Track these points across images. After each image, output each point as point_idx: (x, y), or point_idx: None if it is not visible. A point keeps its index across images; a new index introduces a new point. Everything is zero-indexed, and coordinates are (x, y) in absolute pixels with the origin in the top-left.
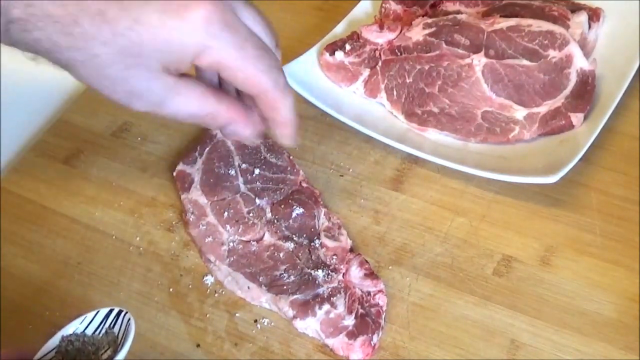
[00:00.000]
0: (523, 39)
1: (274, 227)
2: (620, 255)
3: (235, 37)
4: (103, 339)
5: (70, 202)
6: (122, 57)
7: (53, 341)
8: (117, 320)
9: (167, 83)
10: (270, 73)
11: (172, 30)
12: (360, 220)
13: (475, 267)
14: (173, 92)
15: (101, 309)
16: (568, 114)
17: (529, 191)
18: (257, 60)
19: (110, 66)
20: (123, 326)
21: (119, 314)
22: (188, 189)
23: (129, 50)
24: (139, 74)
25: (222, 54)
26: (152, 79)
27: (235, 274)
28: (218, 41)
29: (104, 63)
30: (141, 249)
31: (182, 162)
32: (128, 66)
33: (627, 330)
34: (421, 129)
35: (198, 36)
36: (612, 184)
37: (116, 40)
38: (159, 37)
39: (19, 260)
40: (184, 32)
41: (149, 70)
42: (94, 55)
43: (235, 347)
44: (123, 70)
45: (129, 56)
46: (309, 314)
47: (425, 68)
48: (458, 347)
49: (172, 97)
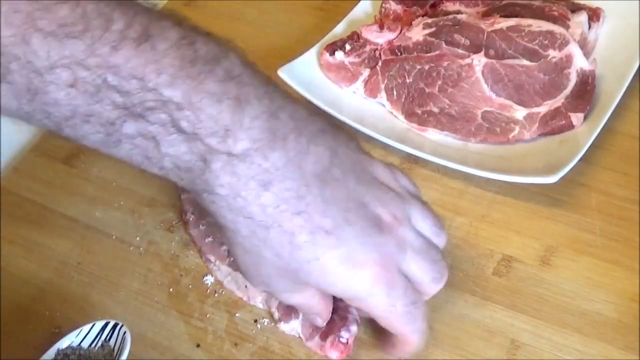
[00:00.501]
0: (523, 39)
1: None
2: (620, 255)
3: (390, 295)
4: (99, 352)
5: (70, 202)
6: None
7: (49, 354)
8: (113, 334)
9: (293, 287)
10: (412, 324)
11: (340, 276)
12: None
13: (475, 267)
14: (293, 291)
15: (97, 321)
16: (568, 114)
17: (529, 191)
18: (403, 314)
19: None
20: (119, 339)
21: (115, 327)
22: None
23: (293, 272)
24: (284, 282)
25: (371, 307)
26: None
27: (234, 274)
28: (375, 298)
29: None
30: (141, 249)
31: None
32: (280, 276)
33: (627, 330)
34: (421, 129)
35: (361, 290)
36: (612, 184)
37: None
38: (323, 277)
39: (19, 260)
40: (351, 283)
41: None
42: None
43: (235, 347)
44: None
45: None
46: (292, 316)
47: (425, 68)
48: (458, 347)
49: (290, 293)
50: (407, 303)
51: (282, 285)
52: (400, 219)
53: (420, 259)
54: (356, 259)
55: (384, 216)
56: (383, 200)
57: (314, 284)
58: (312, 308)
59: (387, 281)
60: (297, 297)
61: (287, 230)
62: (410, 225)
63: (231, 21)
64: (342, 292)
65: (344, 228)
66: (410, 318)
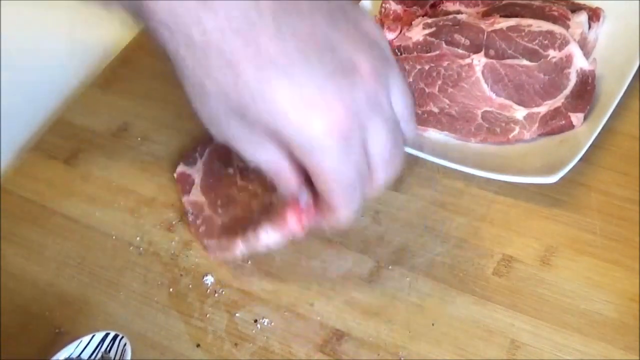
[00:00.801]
0: (523, 39)
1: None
2: (620, 255)
3: (341, 158)
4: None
5: (70, 202)
6: (231, 106)
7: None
8: (113, 345)
9: (254, 138)
10: (348, 202)
11: (291, 117)
12: (360, 220)
13: (475, 267)
14: (254, 143)
15: (97, 332)
16: (568, 114)
17: (529, 191)
18: (344, 188)
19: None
20: (119, 351)
21: (115, 338)
22: (189, 191)
23: (241, 106)
24: (237, 122)
25: (320, 164)
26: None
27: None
28: (324, 153)
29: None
30: (141, 249)
31: (183, 162)
32: (232, 113)
33: (627, 330)
34: (421, 129)
35: (312, 138)
36: (612, 184)
37: (235, 91)
38: (274, 114)
39: (19, 260)
40: (302, 127)
41: (243, 126)
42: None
43: (235, 347)
44: (225, 112)
45: (237, 109)
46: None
47: (425, 68)
48: (458, 347)
49: (251, 146)
50: (356, 177)
51: (238, 132)
52: (380, 75)
53: (386, 133)
54: (311, 100)
55: (360, 64)
56: (363, 50)
57: (264, 125)
58: (280, 171)
59: (345, 137)
60: (261, 153)
61: (230, 60)
62: (387, 91)
63: None
64: (293, 137)
65: (301, 66)
66: (351, 195)
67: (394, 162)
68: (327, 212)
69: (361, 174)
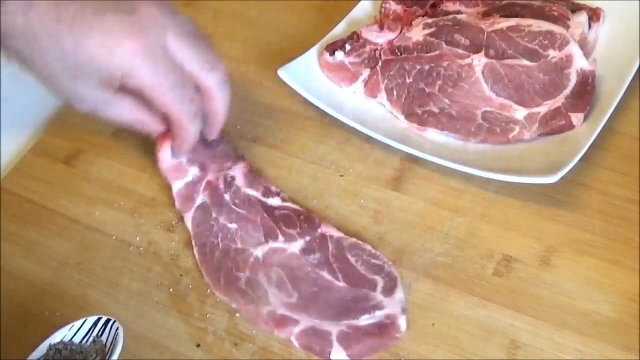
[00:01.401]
0: (523, 39)
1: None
2: (620, 255)
3: (153, 68)
4: (91, 347)
5: (70, 202)
6: (68, 71)
7: (40, 350)
8: (105, 329)
9: (103, 95)
10: (179, 104)
11: (105, 57)
12: (360, 220)
13: (475, 267)
14: (108, 102)
15: (89, 317)
16: (568, 114)
17: (529, 191)
18: (169, 90)
19: (59, 76)
20: (111, 335)
21: (107, 323)
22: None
23: (73, 66)
24: (81, 84)
25: (141, 80)
26: (90, 90)
27: None
28: (138, 70)
29: (55, 72)
30: (141, 249)
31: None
32: (73, 77)
33: (627, 330)
34: (421, 129)
35: (123, 63)
36: (612, 184)
37: (64, 58)
38: (95, 59)
39: (19, 260)
40: (113, 60)
41: (88, 83)
42: (47, 65)
43: (235, 347)
44: (69, 80)
45: (73, 71)
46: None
47: (425, 68)
48: (458, 347)
49: (107, 105)
50: (176, 82)
51: (80, 90)
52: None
53: (184, 41)
54: (113, 39)
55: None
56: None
57: (96, 74)
58: (137, 118)
59: (147, 52)
60: (112, 109)
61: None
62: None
63: (231, 21)
64: (111, 72)
65: (98, 22)
66: (180, 97)
67: (208, 63)
68: (178, 130)
69: (180, 78)
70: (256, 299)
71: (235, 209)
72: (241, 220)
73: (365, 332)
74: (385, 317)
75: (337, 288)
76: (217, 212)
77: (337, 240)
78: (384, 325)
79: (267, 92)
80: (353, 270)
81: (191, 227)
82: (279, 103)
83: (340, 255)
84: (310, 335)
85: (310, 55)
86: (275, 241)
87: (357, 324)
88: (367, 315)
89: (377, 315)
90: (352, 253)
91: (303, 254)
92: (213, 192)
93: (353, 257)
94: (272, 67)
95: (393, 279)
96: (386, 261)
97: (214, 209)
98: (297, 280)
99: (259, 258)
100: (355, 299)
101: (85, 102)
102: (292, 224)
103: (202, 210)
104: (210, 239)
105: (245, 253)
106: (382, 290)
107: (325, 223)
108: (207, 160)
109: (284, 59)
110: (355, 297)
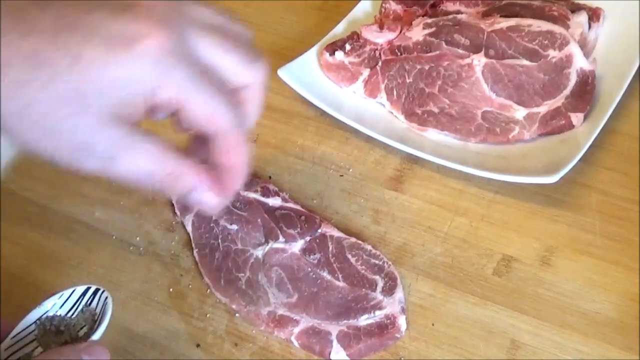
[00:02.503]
0: (523, 39)
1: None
2: (620, 255)
3: (191, 69)
4: (79, 317)
5: (70, 202)
6: (62, 103)
7: (28, 319)
8: (94, 299)
9: (119, 133)
10: (232, 109)
11: (121, 66)
12: (360, 220)
13: (475, 267)
14: (126, 144)
15: (78, 286)
16: (568, 114)
17: (529, 191)
18: (217, 95)
19: (48, 115)
20: (100, 304)
21: (96, 293)
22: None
23: (71, 93)
24: (84, 122)
25: (179, 89)
26: (100, 128)
27: None
28: (173, 75)
29: (41, 112)
30: (141, 249)
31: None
32: (73, 113)
33: (627, 330)
34: (421, 129)
35: (151, 70)
36: (612, 184)
37: (55, 83)
38: (106, 75)
39: (19, 260)
40: (135, 67)
41: (97, 118)
42: (27, 104)
43: (235, 347)
44: (65, 120)
45: (70, 101)
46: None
47: (425, 68)
48: (458, 347)
49: (125, 150)
50: (215, 79)
51: (84, 134)
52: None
53: (215, 34)
54: (124, 41)
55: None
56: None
57: (109, 100)
58: (163, 168)
59: (178, 52)
60: (129, 158)
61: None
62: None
63: None
64: (134, 89)
65: (92, 17)
66: (226, 99)
67: (247, 56)
68: (230, 154)
69: (218, 78)
70: (256, 299)
71: (236, 211)
72: (241, 222)
73: (365, 332)
74: (385, 317)
75: (337, 288)
76: (217, 215)
77: (337, 240)
78: (384, 325)
79: (267, 92)
80: (353, 270)
81: (191, 230)
82: (279, 103)
83: (341, 255)
84: (310, 335)
85: (310, 55)
86: (275, 241)
87: (357, 324)
88: (367, 315)
89: (377, 315)
90: (352, 253)
91: (303, 254)
92: None
93: (353, 257)
94: (272, 67)
95: (393, 279)
96: (386, 261)
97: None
98: (297, 281)
99: (259, 258)
100: (355, 299)
101: (93, 153)
102: (292, 224)
103: (202, 213)
104: (210, 241)
105: (245, 254)
106: (382, 290)
107: (325, 223)
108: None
109: (284, 59)
110: (355, 297)
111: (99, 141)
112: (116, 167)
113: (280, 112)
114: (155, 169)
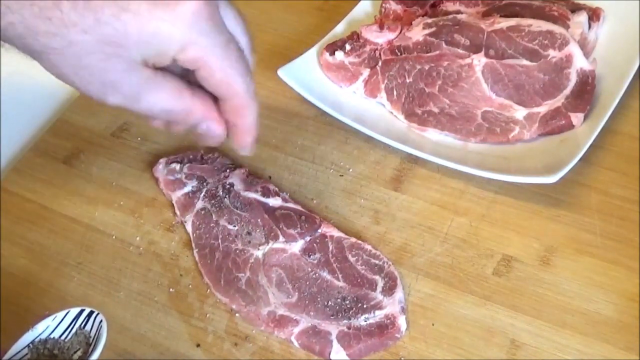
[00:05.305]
0: (523, 39)
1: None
2: (620, 255)
3: (221, 36)
4: (73, 339)
5: (70, 202)
6: (102, 46)
7: (21, 343)
8: (89, 321)
9: (144, 76)
10: (246, 77)
11: (161, 21)
12: (360, 220)
13: (475, 267)
14: (150, 85)
15: (72, 308)
16: (568, 114)
17: (529, 191)
18: (237, 63)
19: (88, 55)
20: (95, 327)
21: (90, 315)
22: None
23: (111, 39)
24: (118, 65)
25: (206, 51)
26: (130, 70)
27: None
28: (204, 38)
29: (82, 51)
30: (141, 249)
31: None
32: (107, 56)
33: (627, 330)
34: (421, 129)
35: (186, 30)
36: (612, 184)
37: (99, 28)
38: (145, 28)
39: (19, 260)
40: (173, 25)
41: (128, 62)
42: (72, 42)
43: (235, 347)
44: (101, 61)
45: (110, 45)
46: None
47: (425, 68)
48: (458, 347)
49: (149, 90)
50: (237, 48)
51: (114, 74)
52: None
53: (239, 14)
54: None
55: None
56: None
57: (140, 49)
58: (181, 105)
59: (213, 19)
60: (151, 96)
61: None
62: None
63: None
64: (166, 44)
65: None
66: (244, 68)
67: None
68: (240, 113)
69: (237, 46)
70: (256, 299)
71: (236, 211)
72: (242, 222)
73: (365, 332)
74: (385, 317)
75: (337, 288)
76: (218, 216)
77: (337, 240)
78: (384, 325)
79: (267, 92)
80: (353, 270)
81: (191, 230)
82: (279, 103)
83: (341, 255)
84: (310, 335)
85: (310, 55)
86: (275, 241)
87: (357, 324)
88: (367, 315)
89: (377, 315)
90: (352, 253)
91: (303, 254)
92: (213, 199)
93: (353, 257)
94: (272, 67)
95: (393, 279)
96: (386, 261)
97: (214, 213)
98: (297, 281)
99: (260, 259)
100: (355, 299)
101: (120, 90)
102: (292, 224)
103: (202, 214)
104: (210, 242)
105: (245, 254)
106: (382, 290)
107: (325, 223)
108: (205, 174)
109: (284, 59)
110: (355, 297)
111: (127, 82)
112: (138, 104)
113: (280, 112)
114: (172, 105)
